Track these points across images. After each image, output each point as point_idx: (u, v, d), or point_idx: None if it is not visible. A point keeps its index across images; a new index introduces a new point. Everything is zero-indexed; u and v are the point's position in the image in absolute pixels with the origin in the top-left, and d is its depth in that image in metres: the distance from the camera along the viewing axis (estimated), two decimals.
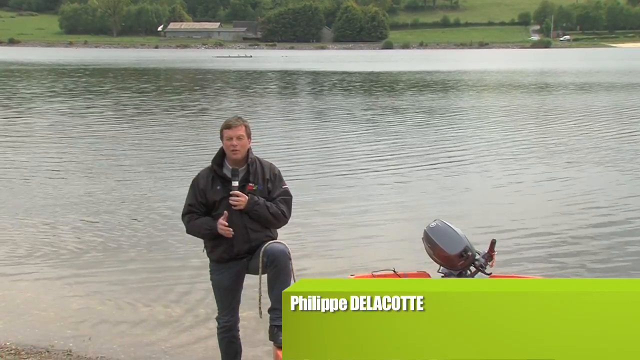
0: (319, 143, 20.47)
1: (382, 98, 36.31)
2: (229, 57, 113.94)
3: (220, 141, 5.65)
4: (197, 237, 5.73)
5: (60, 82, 49.23)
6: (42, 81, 50.52)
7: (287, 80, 53.28)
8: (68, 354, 6.74)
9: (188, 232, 5.76)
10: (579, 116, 27.11)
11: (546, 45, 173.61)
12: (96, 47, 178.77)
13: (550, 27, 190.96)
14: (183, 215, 5.73)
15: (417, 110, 29.56)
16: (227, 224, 5.48)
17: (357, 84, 48.74)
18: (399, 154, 18.26)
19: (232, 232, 5.49)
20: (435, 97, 36.26)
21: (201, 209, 5.62)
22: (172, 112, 29.11)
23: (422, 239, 7.05)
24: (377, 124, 25.20)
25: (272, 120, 26.46)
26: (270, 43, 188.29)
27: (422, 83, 48.67)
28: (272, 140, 20.71)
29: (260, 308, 5.51)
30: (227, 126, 5.59)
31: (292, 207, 5.76)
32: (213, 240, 5.63)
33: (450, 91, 41.27)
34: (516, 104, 32.63)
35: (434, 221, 7.03)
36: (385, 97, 37.15)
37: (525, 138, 20.98)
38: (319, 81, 51.81)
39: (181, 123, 25.43)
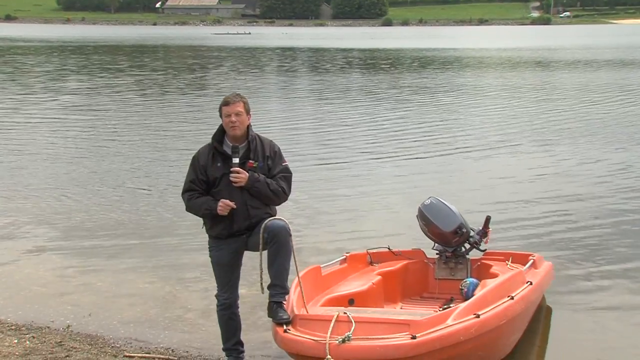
0: (319, 122, 20.44)
1: (388, 76, 36.05)
2: (228, 34, 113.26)
3: (220, 118, 5.67)
4: (197, 215, 5.76)
5: (71, 59, 48.79)
6: (51, 58, 49.99)
7: (303, 59, 52.49)
8: (68, 330, 6.80)
9: (188, 210, 5.79)
10: (588, 95, 26.71)
11: (546, 22, 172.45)
12: (94, 23, 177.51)
13: (550, 4, 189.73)
14: (183, 192, 5.75)
15: (420, 89, 29.41)
16: (228, 202, 5.50)
17: (371, 61, 48.24)
18: (398, 133, 18.23)
19: (234, 206, 5.51)
20: (442, 75, 35.90)
21: (202, 186, 5.64)
22: (190, 92, 28.69)
23: (417, 216, 7.08)
24: (377, 102, 25.16)
25: (278, 99, 26.41)
26: (269, 20, 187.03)
27: (438, 60, 47.96)
28: (275, 118, 20.70)
29: (261, 284, 5.55)
30: (225, 103, 5.61)
31: (292, 184, 5.79)
32: (213, 218, 5.66)
33: (458, 69, 40.74)
34: (530, 82, 32.09)
35: (429, 198, 7.05)
36: (391, 75, 36.86)
37: (528, 118, 20.80)
38: (329, 59, 50.94)
39: (199, 103, 25.18)
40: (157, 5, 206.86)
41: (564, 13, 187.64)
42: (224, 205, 5.49)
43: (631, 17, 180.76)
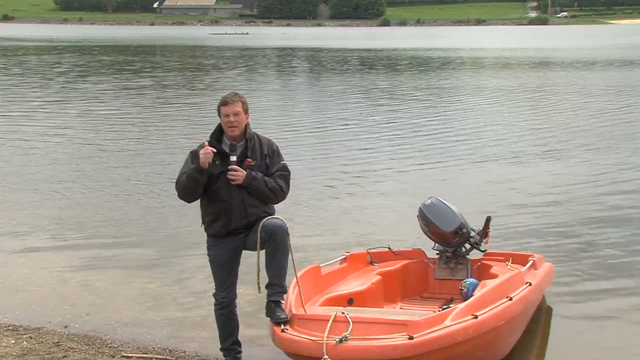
0: (319, 122, 20.39)
1: (390, 77, 35.94)
2: (226, 34, 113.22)
3: (218, 117, 5.66)
4: (189, 196, 5.66)
5: (81, 60, 48.42)
6: (63, 59, 49.54)
7: (312, 59, 52.19)
8: (65, 330, 6.78)
9: (180, 194, 5.70)
10: (589, 96, 26.46)
11: (543, 22, 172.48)
12: (91, 24, 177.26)
13: (548, 4, 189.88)
14: (176, 183, 5.72)
15: (420, 90, 29.33)
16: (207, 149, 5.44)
17: (382, 62, 47.98)
18: (395, 133, 18.21)
19: (212, 151, 5.45)
20: (443, 76, 35.68)
21: None
22: (203, 93, 28.35)
23: (417, 216, 7.07)
24: (378, 103, 25.15)
25: (280, 99, 26.38)
26: (267, 20, 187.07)
27: (454, 62, 47.41)
28: (276, 118, 20.70)
29: (258, 283, 5.53)
30: (223, 103, 5.61)
31: (290, 183, 5.79)
32: (210, 214, 5.64)
33: (468, 70, 40.38)
34: (543, 84, 31.53)
35: (429, 198, 7.04)
36: (393, 76, 36.73)
37: (530, 119, 20.75)
38: (337, 59, 50.51)
39: (212, 103, 24.97)
40: (155, 5, 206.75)
41: (562, 13, 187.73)
42: (204, 154, 5.44)
43: (628, 17, 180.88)
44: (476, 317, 5.34)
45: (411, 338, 5.01)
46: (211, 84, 32.31)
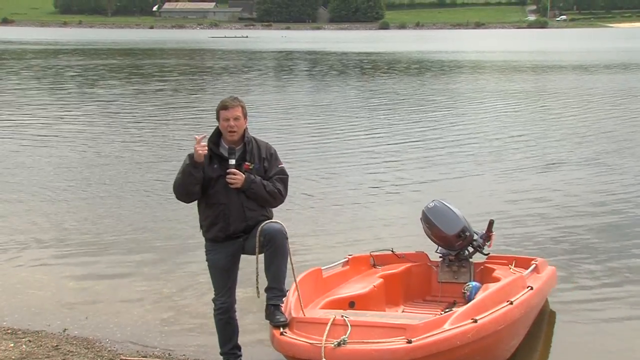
0: (318, 124, 20.39)
1: (397, 80, 35.86)
2: (225, 37, 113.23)
3: (217, 121, 5.66)
4: (183, 189, 5.60)
5: (93, 63, 48.31)
6: (72, 62, 49.28)
7: (321, 62, 51.94)
8: (64, 334, 6.77)
9: (176, 191, 5.65)
10: (599, 100, 26.17)
11: (542, 25, 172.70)
12: (91, 27, 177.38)
13: (547, 7, 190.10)
14: (173, 183, 5.68)
15: (421, 93, 29.28)
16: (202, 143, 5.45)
17: (392, 65, 47.71)
18: (399, 136, 18.19)
19: (206, 148, 5.45)
20: (450, 80, 35.49)
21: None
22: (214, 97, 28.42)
23: (420, 219, 7.06)
24: (380, 106, 25.11)
25: (280, 99, 26.36)
26: (266, 23, 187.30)
27: (461, 65, 47.17)
28: (276, 119, 20.74)
29: (257, 288, 5.52)
30: (223, 107, 5.59)
31: (290, 186, 5.79)
32: (208, 218, 5.63)
33: (466, 73, 40.21)
34: (550, 88, 31.11)
35: (432, 201, 7.02)
36: (401, 79, 36.64)
37: (532, 122, 20.69)
38: (347, 63, 50.07)
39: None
40: (154, 8, 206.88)
41: (561, 17, 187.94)
42: (199, 149, 5.43)
43: (627, 20, 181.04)
44: (475, 321, 5.32)
45: (409, 342, 5.00)
46: (221, 88, 32.08)
